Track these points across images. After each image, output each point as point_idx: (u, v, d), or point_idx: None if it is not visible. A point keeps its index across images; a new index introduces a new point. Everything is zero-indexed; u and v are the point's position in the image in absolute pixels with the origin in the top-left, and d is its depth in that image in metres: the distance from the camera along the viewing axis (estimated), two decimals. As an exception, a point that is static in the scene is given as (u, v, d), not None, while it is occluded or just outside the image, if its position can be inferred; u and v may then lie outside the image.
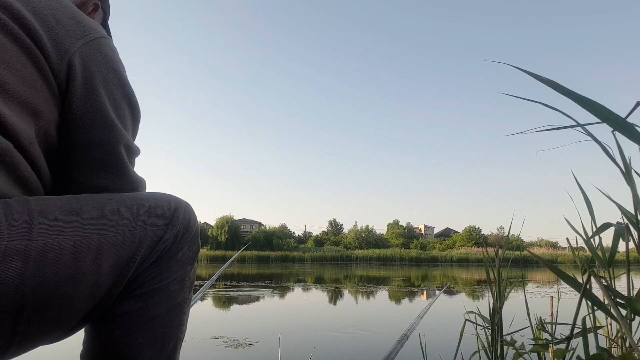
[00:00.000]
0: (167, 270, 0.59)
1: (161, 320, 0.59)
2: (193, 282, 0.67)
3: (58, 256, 0.46)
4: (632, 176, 0.65)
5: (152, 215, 0.57)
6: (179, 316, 0.62)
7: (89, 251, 0.49)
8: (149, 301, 0.58)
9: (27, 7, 0.53)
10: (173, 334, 0.62)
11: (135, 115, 0.66)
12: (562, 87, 0.56)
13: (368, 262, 36.24)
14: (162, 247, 0.58)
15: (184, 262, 0.62)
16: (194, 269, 0.66)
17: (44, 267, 0.45)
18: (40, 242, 0.45)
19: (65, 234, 0.47)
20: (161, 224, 0.57)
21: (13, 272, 0.42)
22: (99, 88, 0.58)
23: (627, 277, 0.76)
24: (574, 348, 0.78)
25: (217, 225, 42.89)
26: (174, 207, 0.60)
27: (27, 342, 0.49)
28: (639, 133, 0.54)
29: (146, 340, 0.58)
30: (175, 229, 0.59)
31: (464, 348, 1.29)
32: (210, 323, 5.16)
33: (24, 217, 0.45)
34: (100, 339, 0.58)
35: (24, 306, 0.44)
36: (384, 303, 7.76)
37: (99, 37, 0.60)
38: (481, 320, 1.22)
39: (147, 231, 0.55)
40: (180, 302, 0.62)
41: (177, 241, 0.60)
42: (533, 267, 26.75)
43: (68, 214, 0.49)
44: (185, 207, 0.63)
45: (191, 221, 0.63)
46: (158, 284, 0.58)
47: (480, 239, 43.33)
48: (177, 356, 0.64)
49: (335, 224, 51.49)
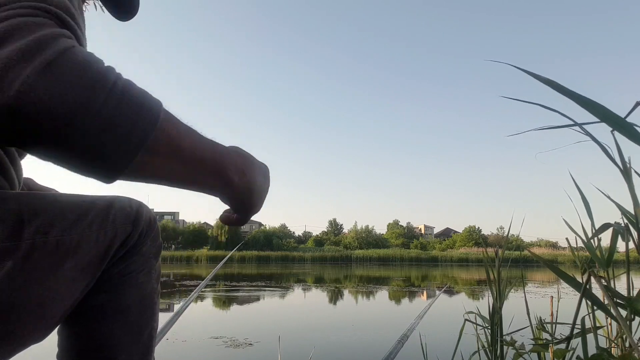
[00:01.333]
0: (133, 264, 0.63)
1: (134, 309, 0.63)
2: (159, 276, 0.71)
3: (43, 255, 0.47)
4: (631, 176, 0.65)
5: (120, 215, 0.59)
6: (151, 306, 0.67)
7: (69, 249, 0.50)
8: (119, 292, 0.61)
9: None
10: (147, 322, 0.65)
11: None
12: (562, 87, 0.56)
13: (368, 262, 36.24)
14: (129, 244, 0.61)
15: (149, 256, 0.66)
16: (159, 263, 0.70)
17: (31, 266, 0.46)
18: (28, 242, 0.46)
19: (50, 234, 0.48)
20: (128, 223, 0.60)
21: (3, 273, 0.43)
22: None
23: (627, 277, 0.76)
24: (574, 348, 0.78)
25: (217, 225, 42.84)
26: (136, 207, 0.63)
27: (16, 343, 0.50)
28: (638, 133, 0.54)
29: (122, 329, 0.61)
30: (140, 227, 0.62)
31: (464, 348, 1.29)
32: (210, 323, 5.16)
33: (16, 218, 0.46)
34: (77, 334, 0.60)
35: (13, 306, 0.45)
36: (384, 303, 7.76)
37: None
38: (481, 320, 1.22)
39: (117, 229, 0.58)
40: (150, 292, 0.66)
41: (142, 237, 0.63)
42: (533, 267, 26.75)
43: (52, 215, 0.50)
44: (145, 207, 0.66)
45: (151, 220, 0.66)
46: (126, 275, 0.62)
47: (480, 239, 43.38)
48: (153, 344, 0.68)
49: (335, 224, 51.53)
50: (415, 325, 1.13)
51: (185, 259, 33.19)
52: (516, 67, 0.61)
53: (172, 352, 3.46)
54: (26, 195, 0.50)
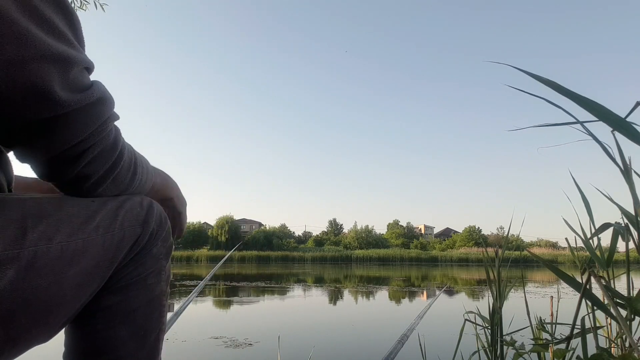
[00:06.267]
0: (142, 265, 0.62)
1: (142, 312, 0.62)
2: (169, 277, 0.69)
3: (46, 262, 0.46)
4: (631, 176, 0.65)
5: (129, 216, 0.58)
6: (159, 308, 0.65)
7: (74, 255, 0.49)
8: (128, 294, 0.60)
9: None
10: (154, 325, 0.64)
11: (67, 14, 0.49)
12: (562, 87, 0.56)
13: (368, 262, 36.23)
14: (139, 246, 0.60)
15: (159, 257, 0.65)
16: (169, 264, 0.69)
17: (33, 273, 0.45)
18: (31, 249, 0.45)
19: (53, 240, 0.47)
20: (137, 224, 0.59)
21: (5, 282, 0.42)
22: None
23: (627, 277, 0.76)
24: (573, 348, 0.78)
25: (217, 225, 42.89)
26: (147, 206, 0.62)
27: (19, 347, 0.49)
28: (638, 133, 0.54)
29: (129, 332, 0.60)
30: (150, 228, 0.61)
31: (464, 348, 1.29)
32: (210, 323, 5.16)
33: (18, 224, 0.45)
34: (83, 335, 0.59)
35: (15, 313, 0.44)
36: (384, 303, 7.76)
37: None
38: (481, 320, 1.22)
39: (125, 232, 0.57)
40: (159, 294, 0.65)
41: (152, 238, 0.63)
42: (533, 267, 26.76)
43: (57, 219, 0.49)
44: (156, 206, 0.65)
45: (162, 219, 0.65)
46: (135, 277, 0.61)
47: (480, 239, 43.34)
48: (159, 347, 0.66)
49: (335, 224, 51.52)
50: (415, 325, 1.13)
51: (185, 259, 33.19)
52: (516, 68, 0.61)
53: (172, 352, 3.46)
54: (30, 200, 0.49)
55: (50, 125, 0.47)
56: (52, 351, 0.74)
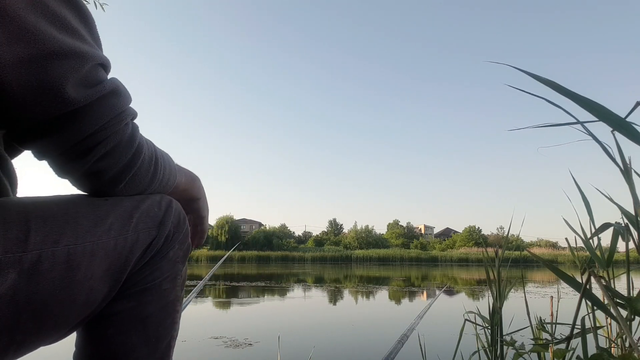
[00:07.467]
0: (158, 270, 0.59)
1: (154, 318, 0.59)
2: (185, 281, 0.66)
3: (52, 265, 0.45)
4: (631, 176, 0.65)
5: (144, 218, 0.56)
6: (172, 314, 0.62)
7: (82, 258, 0.48)
8: (141, 300, 0.57)
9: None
10: (167, 332, 0.61)
11: (79, 11, 0.48)
12: (562, 87, 0.56)
13: (368, 262, 36.23)
14: (154, 249, 0.57)
15: (175, 260, 0.62)
16: (185, 267, 0.66)
17: (38, 277, 0.44)
18: (35, 252, 0.43)
19: (60, 243, 0.46)
20: (153, 226, 0.56)
21: (7, 285, 0.41)
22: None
23: (627, 277, 0.76)
24: (573, 348, 0.78)
25: (217, 225, 42.83)
26: (165, 206, 0.59)
27: (24, 349, 0.48)
28: (638, 133, 0.54)
29: (140, 339, 0.57)
30: (166, 230, 0.58)
31: (464, 348, 1.29)
32: (210, 323, 5.16)
33: (20, 226, 0.43)
34: (93, 339, 0.57)
35: (20, 317, 0.43)
36: (384, 303, 7.76)
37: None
38: (481, 320, 1.22)
39: (139, 234, 0.54)
40: (173, 300, 0.62)
41: (169, 241, 0.60)
42: (533, 267, 26.75)
43: (63, 221, 0.47)
44: (175, 205, 0.62)
45: (181, 220, 0.62)
46: (150, 282, 0.58)
47: (480, 239, 43.34)
48: (171, 354, 0.64)
49: (335, 224, 51.50)
50: (415, 325, 1.13)
51: (185, 259, 33.08)
52: (515, 68, 0.61)
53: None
54: (34, 201, 0.48)
55: (61, 120, 0.46)
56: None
